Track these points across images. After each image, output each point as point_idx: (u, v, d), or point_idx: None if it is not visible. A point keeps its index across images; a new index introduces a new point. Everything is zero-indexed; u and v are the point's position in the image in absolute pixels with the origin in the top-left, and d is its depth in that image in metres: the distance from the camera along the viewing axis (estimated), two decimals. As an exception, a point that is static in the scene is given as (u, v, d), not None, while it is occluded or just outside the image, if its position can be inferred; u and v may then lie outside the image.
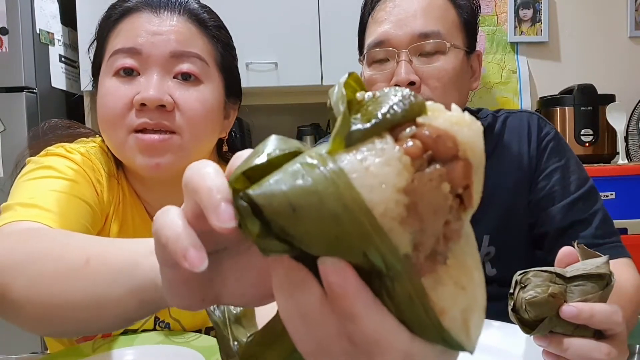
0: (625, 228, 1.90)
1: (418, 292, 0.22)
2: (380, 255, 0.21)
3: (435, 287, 0.22)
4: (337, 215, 0.21)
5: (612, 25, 2.51)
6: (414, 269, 0.22)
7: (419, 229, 0.21)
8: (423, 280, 0.22)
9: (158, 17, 0.71)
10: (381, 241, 0.21)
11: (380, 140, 0.22)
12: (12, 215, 0.60)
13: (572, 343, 0.49)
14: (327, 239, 0.21)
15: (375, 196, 0.21)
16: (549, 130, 0.89)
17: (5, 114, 1.89)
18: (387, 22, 0.83)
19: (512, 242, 0.87)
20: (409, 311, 0.22)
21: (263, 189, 0.22)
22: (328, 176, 0.21)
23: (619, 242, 0.82)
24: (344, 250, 0.21)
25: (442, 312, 0.22)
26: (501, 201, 0.87)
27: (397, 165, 0.21)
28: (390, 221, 0.21)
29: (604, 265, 0.50)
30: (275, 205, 0.21)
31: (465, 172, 0.22)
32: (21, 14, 1.90)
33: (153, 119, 0.67)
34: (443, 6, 0.84)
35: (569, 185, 0.84)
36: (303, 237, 0.22)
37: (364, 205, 0.21)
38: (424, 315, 0.22)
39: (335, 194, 0.21)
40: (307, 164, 0.22)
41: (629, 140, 2.30)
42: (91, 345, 0.72)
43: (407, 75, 0.80)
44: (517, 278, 0.52)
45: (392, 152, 0.21)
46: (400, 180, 0.21)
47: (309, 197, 0.21)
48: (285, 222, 0.21)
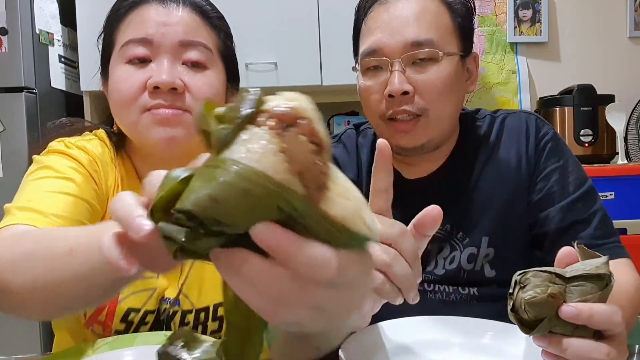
0: (624, 228, 1.90)
1: (322, 215, 0.29)
2: (288, 202, 0.28)
3: (330, 206, 0.29)
4: (247, 190, 0.27)
5: (612, 25, 2.52)
6: (311, 201, 0.28)
7: (301, 172, 0.28)
8: (321, 205, 0.29)
9: (165, 8, 0.76)
10: (284, 192, 0.28)
11: (247, 131, 0.29)
12: (10, 219, 0.65)
13: (571, 343, 0.49)
14: (247, 211, 0.27)
15: (264, 164, 0.27)
16: (547, 131, 0.89)
17: (5, 114, 1.89)
18: (379, 30, 0.83)
19: (511, 243, 0.87)
20: (323, 232, 0.29)
21: (190, 199, 0.28)
22: (227, 168, 0.28)
23: (618, 243, 0.82)
24: (262, 213, 0.28)
25: (344, 219, 0.29)
26: (500, 202, 0.87)
27: (266, 138, 0.29)
28: (283, 175, 0.28)
29: (603, 266, 0.51)
30: (203, 205, 0.27)
31: (309, 125, 0.30)
32: (21, 14, 1.90)
33: (167, 101, 0.72)
34: (436, 11, 0.83)
35: (568, 185, 0.84)
36: (231, 219, 0.27)
37: (261, 173, 0.27)
38: (334, 229, 0.29)
39: (238, 176, 0.27)
40: (209, 169, 0.28)
41: (629, 140, 2.30)
42: (91, 345, 0.73)
43: (401, 85, 0.80)
44: (516, 278, 0.52)
45: (259, 132, 0.29)
46: (273, 147, 0.28)
47: (223, 187, 0.27)
48: (215, 214, 0.27)
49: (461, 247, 0.87)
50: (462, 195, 0.89)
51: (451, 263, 0.87)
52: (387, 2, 0.84)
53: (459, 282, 0.87)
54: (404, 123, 0.82)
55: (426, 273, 0.88)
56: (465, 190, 0.89)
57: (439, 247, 0.88)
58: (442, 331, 0.70)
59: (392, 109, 0.82)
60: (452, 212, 0.88)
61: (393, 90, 0.80)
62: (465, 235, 0.87)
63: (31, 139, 1.90)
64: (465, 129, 0.93)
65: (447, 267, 0.87)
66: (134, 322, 0.79)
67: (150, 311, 0.79)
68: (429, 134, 0.84)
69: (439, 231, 0.88)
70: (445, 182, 0.90)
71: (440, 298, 0.87)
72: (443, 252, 0.88)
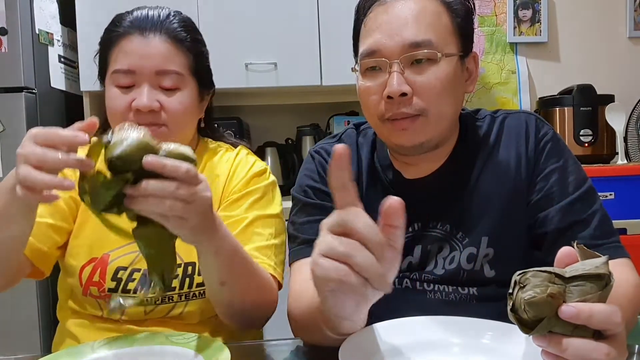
0: (624, 228, 1.90)
1: (168, 151, 0.64)
2: (152, 149, 0.61)
3: (166, 145, 0.65)
4: (138, 146, 0.60)
5: (612, 25, 2.52)
6: (160, 146, 0.63)
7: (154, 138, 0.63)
8: (164, 147, 0.64)
9: (145, 39, 0.95)
10: (152, 145, 0.61)
11: (126, 129, 0.62)
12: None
13: (571, 343, 0.49)
14: (137, 154, 0.60)
15: (143, 136, 0.61)
16: (547, 131, 0.89)
17: (5, 114, 1.89)
18: (378, 31, 0.83)
19: (511, 243, 0.87)
20: (173, 156, 0.64)
21: (115, 152, 0.60)
22: (124, 139, 0.61)
23: (618, 243, 0.82)
24: (143, 155, 0.60)
25: (174, 150, 0.65)
26: (499, 202, 0.87)
27: (139, 128, 0.62)
28: (150, 139, 0.62)
29: (603, 266, 0.50)
30: (123, 154, 0.60)
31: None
32: (20, 14, 1.91)
33: (147, 120, 0.93)
34: (435, 12, 0.83)
35: (568, 185, 0.84)
36: (134, 163, 0.60)
37: (143, 139, 0.61)
38: (175, 154, 0.64)
39: (134, 139, 0.61)
40: (118, 142, 0.61)
41: (628, 140, 2.30)
42: (90, 345, 0.75)
43: (399, 86, 0.80)
44: (516, 278, 0.52)
45: (134, 127, 0.62)
46: (144, 130, 0.63)
47: (128, 143, 0.60)
48: (127, 159, 0.60)
49: (461, 247, 0.87)
50: (462, 195, 0.89)
51: (451, 263, 0.87)
52: (386, 2, 0.84)
53: (458, 282, 0.87)
54: (402, 121, 0.82)
55: (426, 273, 0.88)
56: (465, 190, 0.89)
57: (438, 247, 0.88)
58: (442, 331, 0.70)
59: (391, 110, 0.82)
60: (451, 212, 0.88)
61: (391, 91, 0.80)
62: (465, 235, 0.87)
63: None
64: (465, 129, 0.93)
65: (447, 267, 0.87)
66: (122, 279, 0.94)
67: (136, 269, 0.95)
68: (429, 133, 0.84)
69: (439, 231, 0.89)
70: (445, 182, 0.90)
71: (439, 298, 0.87)
72: (443, 252, 0.88)
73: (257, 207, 1.00)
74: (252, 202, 1.00)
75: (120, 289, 0.93)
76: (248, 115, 2.52)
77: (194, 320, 0.97)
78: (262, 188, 1.02)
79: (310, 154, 0.98)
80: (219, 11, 2.14)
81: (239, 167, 1.04)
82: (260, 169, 1.05)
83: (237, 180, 1.02)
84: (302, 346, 0.81)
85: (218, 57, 2.12)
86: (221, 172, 1.04)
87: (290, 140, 2.47)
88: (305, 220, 0.91)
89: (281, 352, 0.83)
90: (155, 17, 0.97)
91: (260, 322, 0.96)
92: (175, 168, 0.62)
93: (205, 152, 1.07)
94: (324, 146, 0.98)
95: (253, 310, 0.90)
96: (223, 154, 1.08)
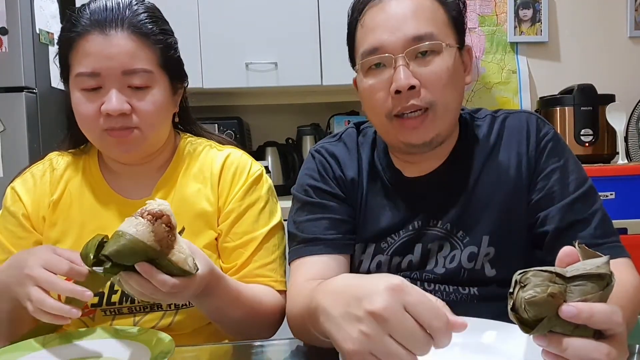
0: (625, 228, 1.90)
1: (169, 260, 0.66)
2: (151, 253, 0.65)
3: (174, 255, 0.67)
4: (133, 247, 0.64)
5: (612, 25, 2.52)
6: (164, 252, 0.66)
7: (159, 240, 0.65)
8: (169, 256, 0.66)
9: (107, 36, 0.86)
10: (148, 248, 0.64)
11: (134, 218, 0.65)
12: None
13: (571, 343, 0.49)
14: (132, 256, 0.64)
15: (142, 236, 0.64)
16: (547, 131, 0.89)
17: (5, 114, 1.89)
18: (378, 28, 0.83)
19: (512, 242, 0.87)
20: (172, 268, 0.67)
21: (108, 250, 0.64)
22: (125, 236, 0.64)
23: (618, 242, 0.82)
24: (140, 257, 0.65)
25: (178, 262, 0.67)
26: (500, 202, 0.87)
27: (145, 224, 0.64)
28: (149, 241, 0.64)
29: (604, 266, 0.50)
30: (114, 252, 0.64)
31: (167, 218, 0.66)
32: (21, 14, 1.90)
33: (118, 123, 0.88)
34: (431, 7, 0.84)
35: (568, 185, 0.84)
36: (125, 260, 0.65)
37: (139, 240, 0.64)
38: (175, 267, 0.67)
39: (129, 241, 0.64)
40: (116, 236, 0.64)
41: (629, 140, 2.30)
42: (42, 340, 0.78)
43: (407, 80, 0.80)
44: (516, 277, 0.52)
45: (142, 221, 0.64)
46: (148, 229, 0.64)
47: (122, 245, 0.64)
48: (118, 257, 0.64)
49: (461, 246, 0.87)
50: (463, 194, 0.88)
51: (451, 262, 0.87)
52: (380, 2, 0.84)
53: (459, 281, 0.87)
54: (412, 119, 0.82)
55: (426, 272, 0.88)
56: (465, 189, 0.89)
57: (439, 246, 0.88)
58: (442, 331, 0.69)
59: (400, 105, 0.82)
60: (452, 211, 0.88)
61: (400, 85, 0.80)
62: (466, 234, 0.87)
63: (31, 139, 1.90)
64: (465, 128, 0.93)
65: (448, 266, 0.87)
66: (104, 293, 0.92)
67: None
68: (437, 128, 0.84)
69: (439, 229, 0.89)
70: (446, 180, 0.90)
71: (440, 298, 0.87)
72: (443, 250, 0.88)
73: (262, 219, 0.98)
74: (258, 214, 0.97)
75: (104, 302, 0.91)
76: (248, 115, 2.52)
77: (186, 329, 0.94)
78: (264, 196, 1.00)
79: (311, 153, 0.98)
80: (219, 11, 2.14)
81: (237, 171, 0.99)
82: (259, 173, 1.01)
83: (238, 187, 0.97)
84: (302, 346, 0.81)
85: (218, 57, 2.13)
86: (210, 173, 0.98)
87: (291, 140, 2.47)
88: (306, 219, 0.91)
89: (281, 352, 0.82)
90: (115, 9, 0.88)
91: (265, 337, 0.94)
92: (160, 284, 0.67)
93: (186, 151, 1.01)
94: (325, 145, 0.98)
95: (257, 335, 0.91)
96: (208, 152, 1.01)
